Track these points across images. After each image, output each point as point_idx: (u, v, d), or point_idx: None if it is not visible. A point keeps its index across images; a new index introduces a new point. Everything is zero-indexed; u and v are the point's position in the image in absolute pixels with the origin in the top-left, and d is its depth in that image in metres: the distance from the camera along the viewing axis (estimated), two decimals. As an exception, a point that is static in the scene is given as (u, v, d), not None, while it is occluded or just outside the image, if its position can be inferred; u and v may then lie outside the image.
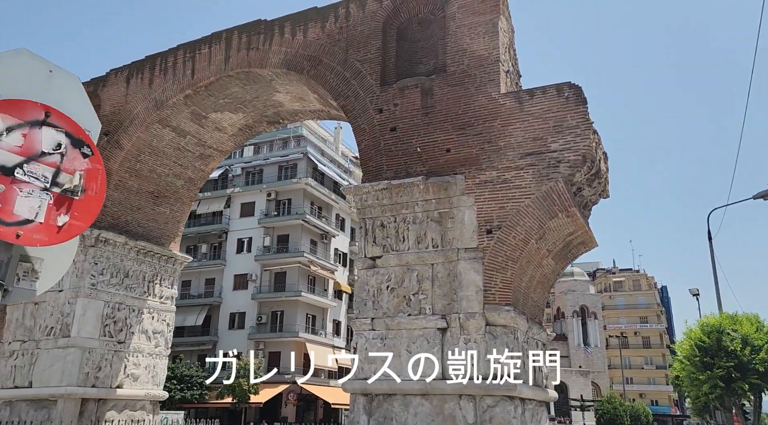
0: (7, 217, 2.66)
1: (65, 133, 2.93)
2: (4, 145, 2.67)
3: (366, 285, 11.68)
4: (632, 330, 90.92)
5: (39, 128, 2.81)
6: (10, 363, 15.06)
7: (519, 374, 10.30)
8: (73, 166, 2.97)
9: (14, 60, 2.86)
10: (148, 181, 16.86)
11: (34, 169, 2.77)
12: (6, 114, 2.69)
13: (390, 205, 11.89)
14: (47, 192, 2.81)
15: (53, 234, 2.91)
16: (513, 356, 10.16)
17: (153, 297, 16.91)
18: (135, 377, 15.91)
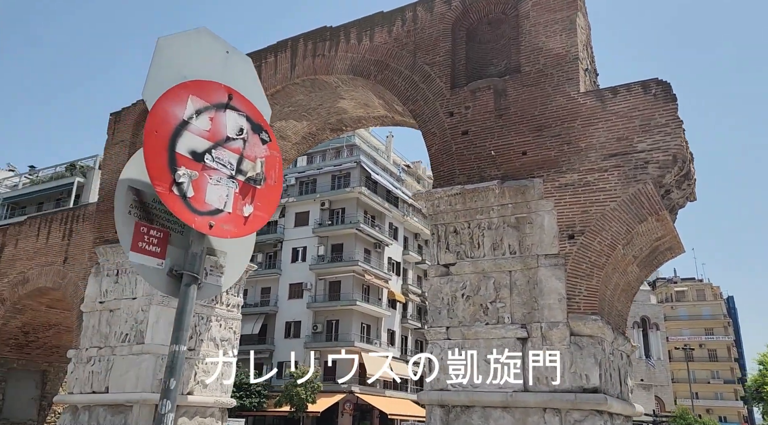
0: (200, 206, 2.50)
1: (246, 118, 2.77)
2: (195, 129, 2.52)
3: (439, 293, 11.35)
4: (696, 342, 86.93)
5: (224, 111, 2.67)
6: (87, 369, 15.43)
7: (607, 387, 9.75)
8: (254, 153, 2.81)
9: (196, 40, 2.72)
10: (216, 190, 17.09)
11: (221, 155, 2.62)
12: (196, 96, 2.54)
13: (463, 210, 11.54)
14: (233, 180, 2.65)
15: (240, 226, 2.74)
16: (600, 368, 9.61)
17: (220, 304, 17.06)
18: (204, 384, 16.03)
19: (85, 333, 16.00)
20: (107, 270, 16.30)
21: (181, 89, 2.49)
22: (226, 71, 2.74)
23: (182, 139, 2.44)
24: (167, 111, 2.47)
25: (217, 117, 2.59)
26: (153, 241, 2.59)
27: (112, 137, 18.17)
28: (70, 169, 50.76)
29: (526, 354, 10.18)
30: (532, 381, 9.96)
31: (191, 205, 2.42)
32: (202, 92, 2.54)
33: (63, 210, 18.99)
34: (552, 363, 9.85)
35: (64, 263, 17.51)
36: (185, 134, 2.45)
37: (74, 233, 17.73)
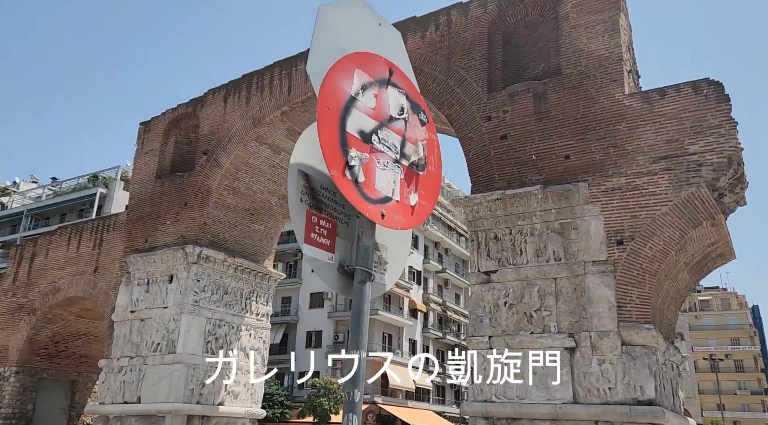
0: (371, 193, 2.24)
1: (406, 96, 2.51)
2: (362, 106, 2.26)
3: (481, 301, 11.05)
4: (723, 352, 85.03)
5: (386, 88, 2.41)
6: (119, 379, 15.32)
7: (662, 400, 9.35)
8: (414, 135, 2.54)
9: (352, 9, 2.47)
10: (245, 198, 16.97)
11: (386, 136, 2.35)
12: (361, 70, 2.30)
13: (504, 216, 11.25)
14: (398, 164, 2.38)
15: (408, 216, 2.47)
16: (655, 379, 9.22)
17: (250, 314, 16.90)
18: (235, 394, 15.85)
19: (117, 342, 15.91)
20: (138, 280, 16.23)
21: (348, 62, 2.26)
22: (380, 44, 2.50)
23: (351, 118, 2.20)
24: (336, 85, 2.22)
25: (381, 94, 2.35)
26: (323, 232, 2.35)
27: (141, 147, 18.19)
28: (93, 180, 51.27)
29: (575, 365, 9.82)
30: (582, 393, 9.59)
31: (363, 192, 2.18)
32: (367, 66, 2.30)
33: (94, 219, 19.03)
34: (604, 375, 9.48)
35: (95, 272, 17.48)
36: (354, 112, 2.21)
37: (105, 242, 17.72)
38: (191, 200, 16.22)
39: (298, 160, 2.42)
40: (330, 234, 2.33)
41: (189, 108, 17.58)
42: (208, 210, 16.12)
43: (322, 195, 2.35)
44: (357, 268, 2.53)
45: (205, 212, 16.06)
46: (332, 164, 2.11)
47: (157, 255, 15.89)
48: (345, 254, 2.58)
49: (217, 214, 16.40)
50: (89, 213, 46.19)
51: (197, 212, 16.10)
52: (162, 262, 15.85)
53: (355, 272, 2.58)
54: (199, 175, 16.38)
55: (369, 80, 2.28)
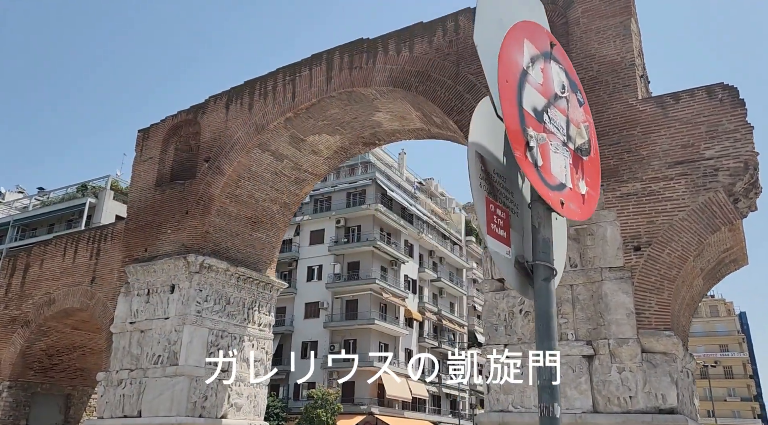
0: (549, 179, 2.04)
1: (565, 73, 2.31)
2: (533, 81, 2.06)
3: (495, 309, 10.88)
4: (712, 359, 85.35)
5: (549, 62, 2.21)
6: (118, 392, 14.93)
7: (683, 408, 9.20)
8: (576, 116, 2.34)
9: None
10: (247, 206, 16.72)
11: (554, 116, 2.15)
12: (529, 41, 2.09)
13: (518, 222, 11.10)
14: (566, 148, 2.19)
15: (581, 205, 2.27)
16: (677, 387, 9.08)
17: (252, 324, 16.60)
18: (238, 407, 15.51)
19: (115, 354, 15.53)
20: (137, 290, 15.88)
21: (518, 31, 2.06)
22: (532, 14, 2.29)
23: (525, 93, 2.01)
24: (510, 56, 2.02)
25: (546, 68, 2.16)
26: (500, 223, 2.15)
27: (140, 154, 17.90)
28: (82, 190, 50.55)
29: (594, 373, 9.66)
30: (602, 402, 9.42)
31: (543, 177, 1.99)
32: (534, 36, 2.11)
33: (90, 229, 18.66)
34: (624, 383, 9.33)
35: (92, 283, 17.10)
36: (527, 87, 2.02)
37: (102, 252, 17.35)
38: (193, 208, 15.94)
39: (475, 139, 2.21)
40: (505, 225, 2.13)
41: (189, 115, 17.34)
42: (210, 218, 15.85)
43: (495, 180, 2.16)
44: (538, 264, 2.34)
45: (207, 220, 15.79)
46: (515, 144, 1.93)
47: (158, 265, 15.57)
48: (517, 248, 2.38)
49: (219, 223, 16.13)
50: (78, 224, 45.47)
51: (199, 220, 15.82)
52: (163, 272, 15.53)
53: (536, 268, 2.39)
54: (200, 182, 16.12)
55: (536, 53, 2.09)
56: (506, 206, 2.24)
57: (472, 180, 2.10)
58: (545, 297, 2.51)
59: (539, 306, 2.61)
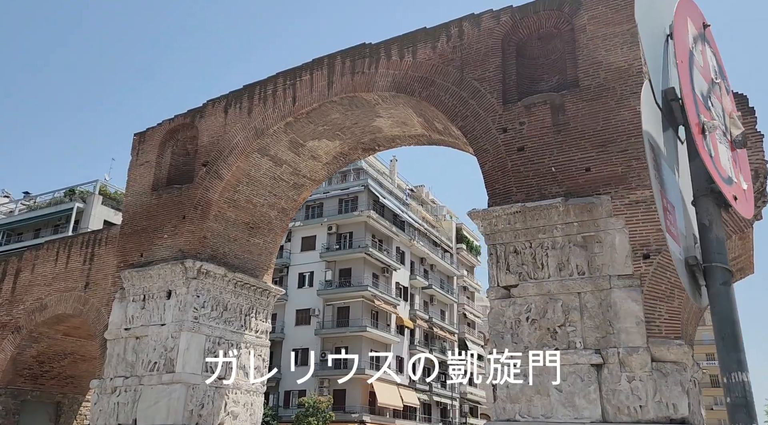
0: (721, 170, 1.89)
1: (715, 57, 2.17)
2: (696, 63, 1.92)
3: (501, 317, 10.76)
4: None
5: (704, 44, 2.06)
6: (112, 400, 14.60)
7: (694, 418, 9.13)
8: (727, 105, 2.20)
9: None
10: (245, 211, 16.52)
11: (714, 103, 2.01)
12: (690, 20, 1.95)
13: (524, 229, 11.03)
14: (726, 138, 2.05)
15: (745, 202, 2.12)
16: (689, 397, 9.00)
17: (249, 331, 16.35)
18: (235, 415, 15.23)
19: (110, 362, 15.20)
20: (133, 296, 15.59)
21: (682, 9, 1.93)
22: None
23: (694, 76, 1.89)
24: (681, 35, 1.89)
25: (704, 50, 2.02)
26: (671, 220, 2.01)
27: (136, 158, 17.63)
28: (69, 195, 49.88)
29: (603, 382, 9.57)
30: (612, 411, 9.33)
31: (717, 168, 1.86)
32: (693, 15, 1.97)
33: (84, 233, 18.31)
34: (634, 392, 9.24)
35: (86, 288, 16.76)
36: (694, 70, 1.90)
37: (96, 257, 17.04)
38: (190, 213, 15.70)
39: (647, 128, 2.08)
40: (674, 222, 2.00)
41: (187, 118, 17.13)
42: (208, 223, 15.62)
43: (662, 172, 2.03)
44: (715, 266, 2.21)
45: (205, 225, 15.56)
46: (695, 130, 1.81)
47: (154, 270, 15.30)
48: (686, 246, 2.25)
49: (217, 228, 15.91)
50: (65, 229, 44.80)
51: (196, 225, 15.59)
52: (159, 277, 15.26)
53: (711, 271, 2.26)
54: (198, 187, 15.89)
55: (696, 33, 1.96)
56: (671, 201, 2.12)
57: (650, 171, 1.98)
58: (726, 302, 2.31)
59: (720, 313, 2.40)
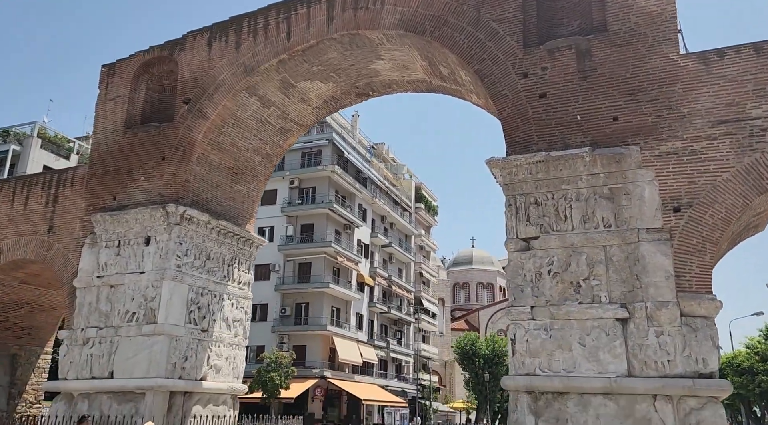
0: None
1: None
2: None
3: (521, 270, 10.35)
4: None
5: None
6: (85, 352, 13.52)
7: (719, 371, 9.04)
8: None
9: None
10: (229, 155, 15.37)
11: None
12: None
13: (546, 179, 10.55)
14: None
15: None
16: (718, 351, 8.88)
17: (232, 282, 15.45)
18: (217, 369, 14.46)
19: (80, 311, 14.04)
20: (106, 241, 14.35)
21: None
22: None
23: None
24: None
25: None
26: None
27: (105, 92, 16.04)
28: (4, 136, 46.26)
29: (629, 336, 9.34)
30: (638, 366, 9.14)
31: None
32: None
33: (46, 173, 16.64)
34: (662, 347, 9.05)
35: (49, 233, 15.34)
36: None
37: (60, 199, 15.56)
38: (170, 154, 14.45)
39: None
40: None
41: (164, 51, 15.62)
42: (191, 166, 14.43)
43: None
44: None
45: (187, 168, 14.36)
46: None
47: (131, 215, 14.08)
48: None
49: (200, 171, 14.74)
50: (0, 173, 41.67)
51: (178, 168, 14.37)
52: (137, 223, 14.06)
53: None
54: (179, 126, 14.60)
55: None
56: None
57: None
58: None
59: None
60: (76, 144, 47.56)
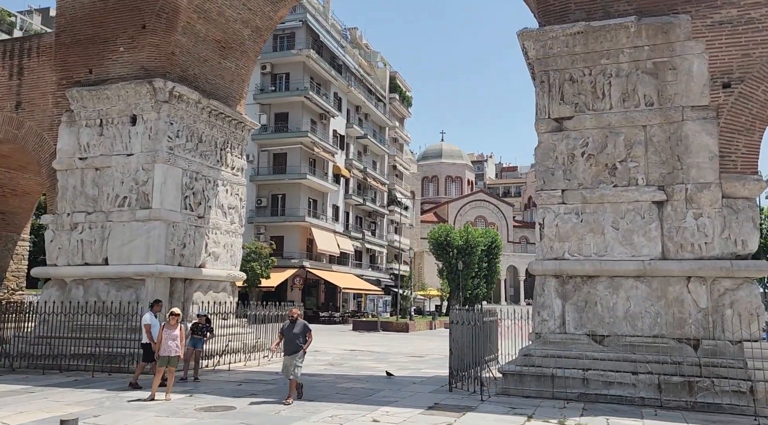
0: None
1: None
2: None
3: (552, 152, 9.75)
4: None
5: None
6: (74, 237, 12.69)
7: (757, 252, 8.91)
8: None
9: None
10: (216, 26, 13.78)
11: None
12: None
13: (584, 53, 9.68)
14: None
15: None
16: (757, 233, 8.68)
17: (225, 167, 14.50)
18: (216, 256, 13.91)
19: (63, 195, 13.01)
20: (86, 120, 13.04)
21: None
22: None
23: None
24: None
25: None
26: None
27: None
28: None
29: (665, 219, 9.03)
30: (674, 249, 8.92)
31: None
32: None
33: (3, 41, 14.73)
34: (700, 229, 8.80)
35: (17, 109, 13.84)
36: None
37: (26, 71, 13.90)
38: (152, 22, 12.82)
39: None
40: None
41: None
42: (176, 36, 12.89)
43: None
44: None
45: (173, 39, 12.83)
46: None
47: (112, 91, 12.70)
48: None
49: (186, 43, 13.22)
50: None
51: (161, 37, 12.83)
52: (120, 99, 12.72)
53: None
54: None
55: None
56: None
57: None
58: None
59: None
60: (18, 18, 43.41)
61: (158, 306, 10.22)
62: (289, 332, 8.64)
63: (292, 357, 8.49)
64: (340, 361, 14.81)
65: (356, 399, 8.80)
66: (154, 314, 9.91)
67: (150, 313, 9.93)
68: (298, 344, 8.53)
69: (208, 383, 10.35)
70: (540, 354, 9.06)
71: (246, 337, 14.03)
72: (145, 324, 9.63)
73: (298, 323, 8.72)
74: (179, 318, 8.83)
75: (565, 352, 8.93)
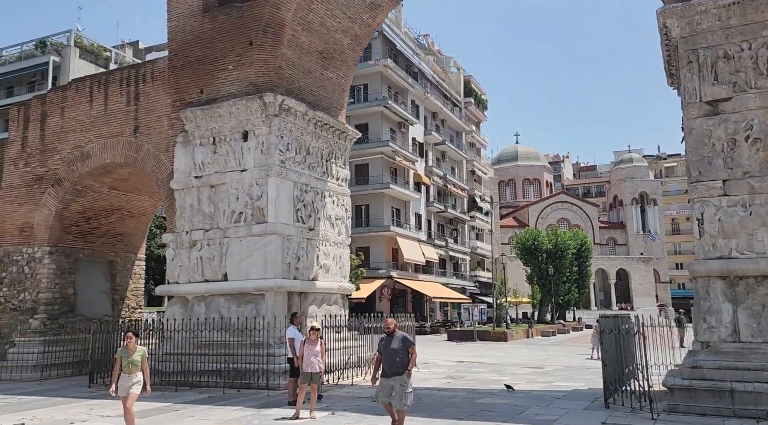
0: None
1: None
2: None
3: (707, 139, 8.80)
4: (684, 215, 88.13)
5: None
6: (194, 255, 12.87)
7: None
8: None
9: None
10: (318, 36, 13.70)
11: None
12: None
13: (741, 26, 8.71)
14: None
15: None
16: None
17: (331, 178, 14.36)
18: (326, 268, 13.74)
19: (182, 214, 13.25)
20: (200, 139, 13.25)
21: None
22: None
23: None
24: None
25: None
26: None
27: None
28: (41, 47, 44.76)
29: None
30: None
31: None
32: None
33: (121, 69, 15.37)
34: None
35: (136, 133, 14.30)
36: None
37: (142, 96, 14.36)
38: (259, 37, 12.87)
39: None
40: None
41: None
42: (282, 50, 12.87)
43: None
44: None
45: (279, 53, 12.82)
46: None
47: (224, 108, 12.83)
48: None
49: (292, 56, 13.19)
50: (43, 86, 40.52)
51: (268, 53, 12.85)
52: (231, 116, 12.83)
53: None
54: (264, 4, 12.90)
55: None
56: None
57: None
58: None
59: None
60: (113, 52, 46.00)
61: (297, 318, 10.06)
62: (386, 348, 7.07)
63: (391, 379, 6.93)
64: (458, 374, 14.22)
65: (509, 418, 8.20)
66: (296, 327, 9.73)
67: (293, 327, 9.76)
68: (398, 363, 6.96)
69: (340, 399, 10.05)
70: (711, 366, 8.10)
71: (360, 350, 13.72)
72: (289, 338, 9.47)
73: (396, 336, 7.12)
74: (319, 333, 8.56)
75: (743, 363, 7.93)
